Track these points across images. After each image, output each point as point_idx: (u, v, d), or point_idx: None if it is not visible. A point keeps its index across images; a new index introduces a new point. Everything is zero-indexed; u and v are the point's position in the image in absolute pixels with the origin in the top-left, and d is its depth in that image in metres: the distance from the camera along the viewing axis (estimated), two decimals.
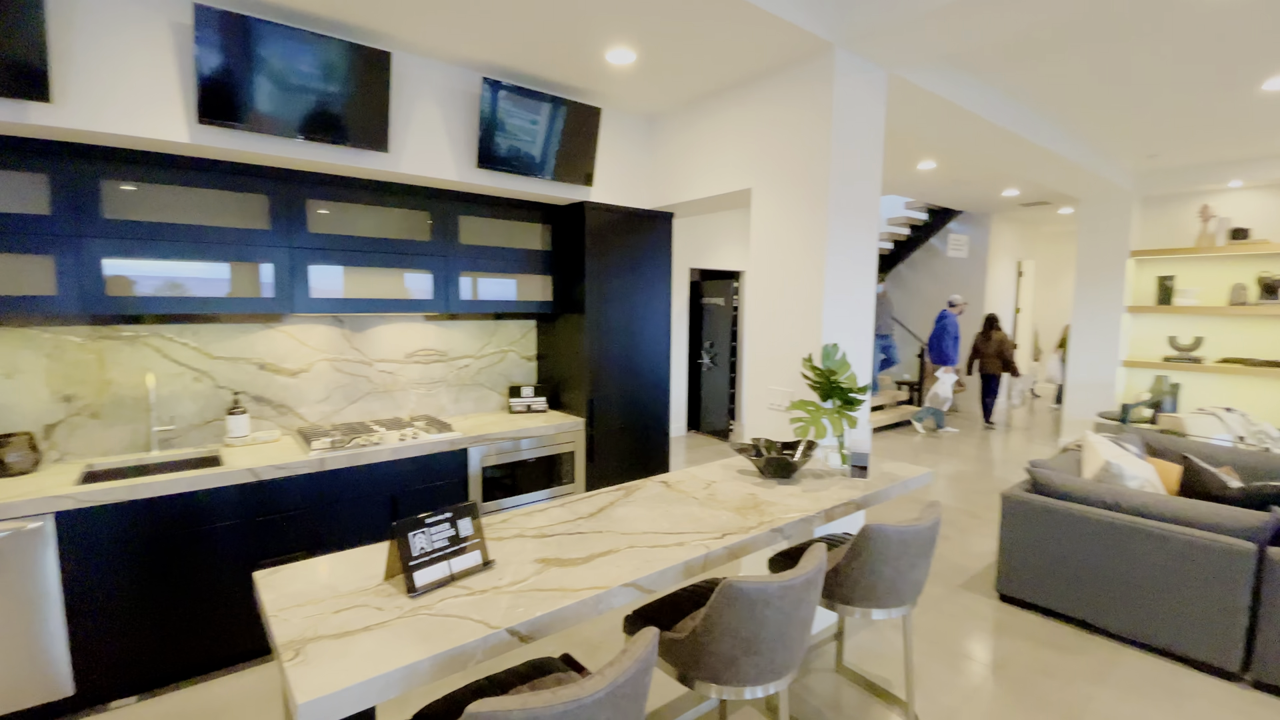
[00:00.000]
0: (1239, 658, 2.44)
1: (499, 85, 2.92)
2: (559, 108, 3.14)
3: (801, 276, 2.78)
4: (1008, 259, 8.65)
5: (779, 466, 2.23)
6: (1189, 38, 3.03)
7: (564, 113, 3.17)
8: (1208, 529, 2.54)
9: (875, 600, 1.93)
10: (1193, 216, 5.86)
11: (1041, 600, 2.98)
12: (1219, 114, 4.19)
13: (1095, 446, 3.16)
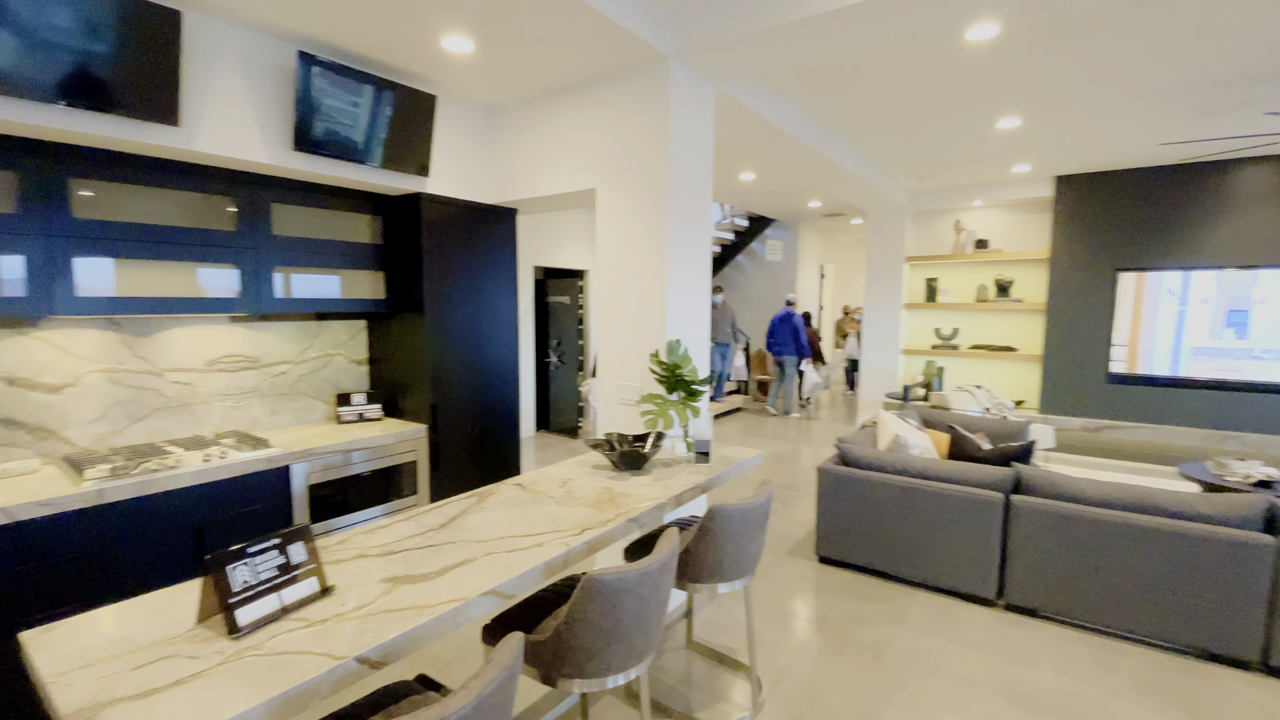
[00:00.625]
0: (994, 587, 3.04)
1: (315, 61, 2.64)
2: (388, 91, 2.93)
3: (646, 276, 2.90)
4: (813, 262, 9.80)
5: (631, 459, 2.31)
6: (948, 81, 3.67)
7: (394, 97, 2.96)
8: (969, 484, 3.12)
9: (721, 575, 2.09)
10: (949, 229, 7.14)
11: (852, 558, 3.44)
12: (967, 146, 5.14)
13: (886, 423, 3.71)
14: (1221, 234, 5.57)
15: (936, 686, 2.43)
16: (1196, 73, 3.53)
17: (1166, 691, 2.40)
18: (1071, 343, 6.27)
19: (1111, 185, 6.01)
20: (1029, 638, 2.78)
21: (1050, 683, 2.46)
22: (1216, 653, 2.57)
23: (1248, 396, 5.54)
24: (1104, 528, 2.75)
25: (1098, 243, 6.10)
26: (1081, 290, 6.20)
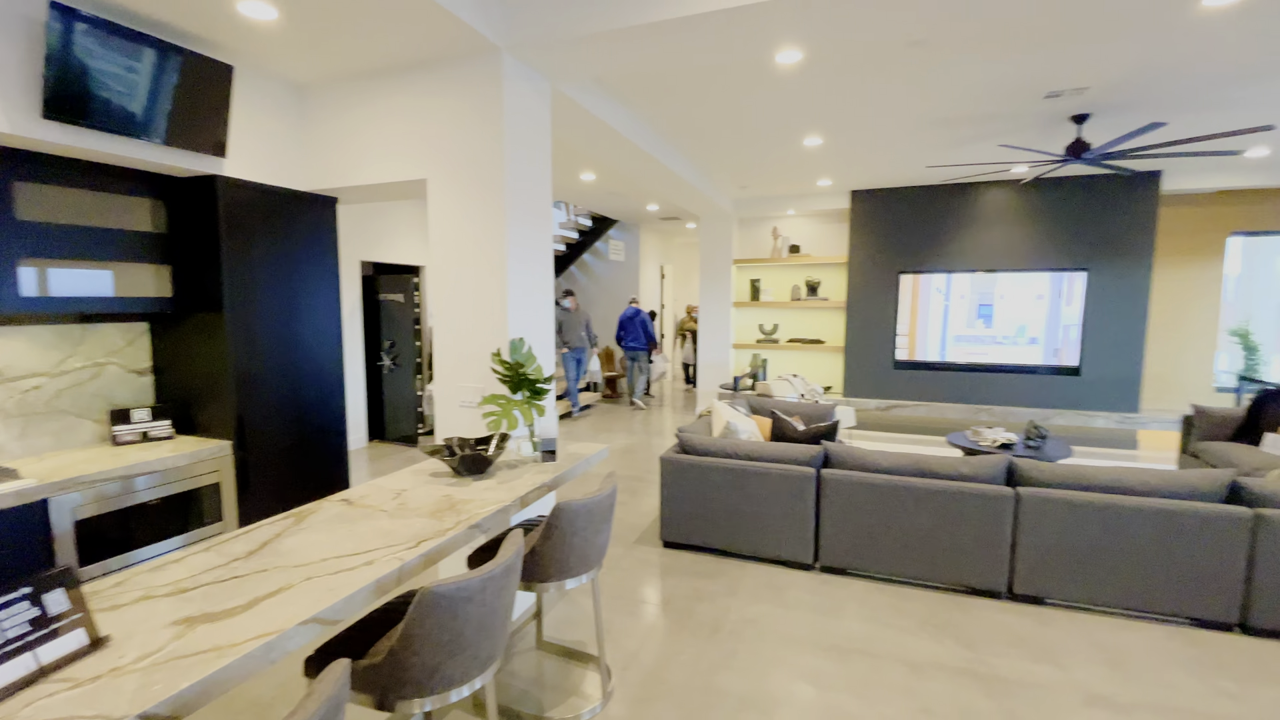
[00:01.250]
0: (811, 552, 3.42)
1: (75, 15, 2.19)
2: (173, 57, 2.52)
3: (485, 272, 2.82)
4: (654, 263, 10.23)
5: (473, 463, 2.24)
6: (764, 99, 4.03)
7: (181, 64, 2.55)
8: (787, 462, 3.47)
9: (569, 571, 2.11)
10: (768, 235, 7.87)
11: (693, 540, 3.66)
12: (780, 160, 5.70)
13: (719, 412, 4.01)
14: (973, 243, 6.80)
15: (766, 648, 2.69)
16: (951, 108, 4.26)
17: (943, 624, 2.89)
18: (866, 335, 7.25)
19: (893, 200, 7.05)
20: (839, 594, 3.18)
21: (857, 630, 2.84)
22: (977, 587, 3.15)
23: (994, 376, 6.84)
24: (893, 491, 3.23)
25: (884, 249, 7.12)
26: (873, 290, 7.19)
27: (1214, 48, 3.22)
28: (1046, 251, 6.57)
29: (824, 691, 2.40)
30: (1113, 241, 6.34)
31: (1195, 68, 3.50)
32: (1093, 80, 3.69)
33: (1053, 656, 2.63)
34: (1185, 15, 2.81)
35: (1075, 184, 6.39)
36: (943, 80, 3.70)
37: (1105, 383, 6.50)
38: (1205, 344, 6.72)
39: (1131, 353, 6.39)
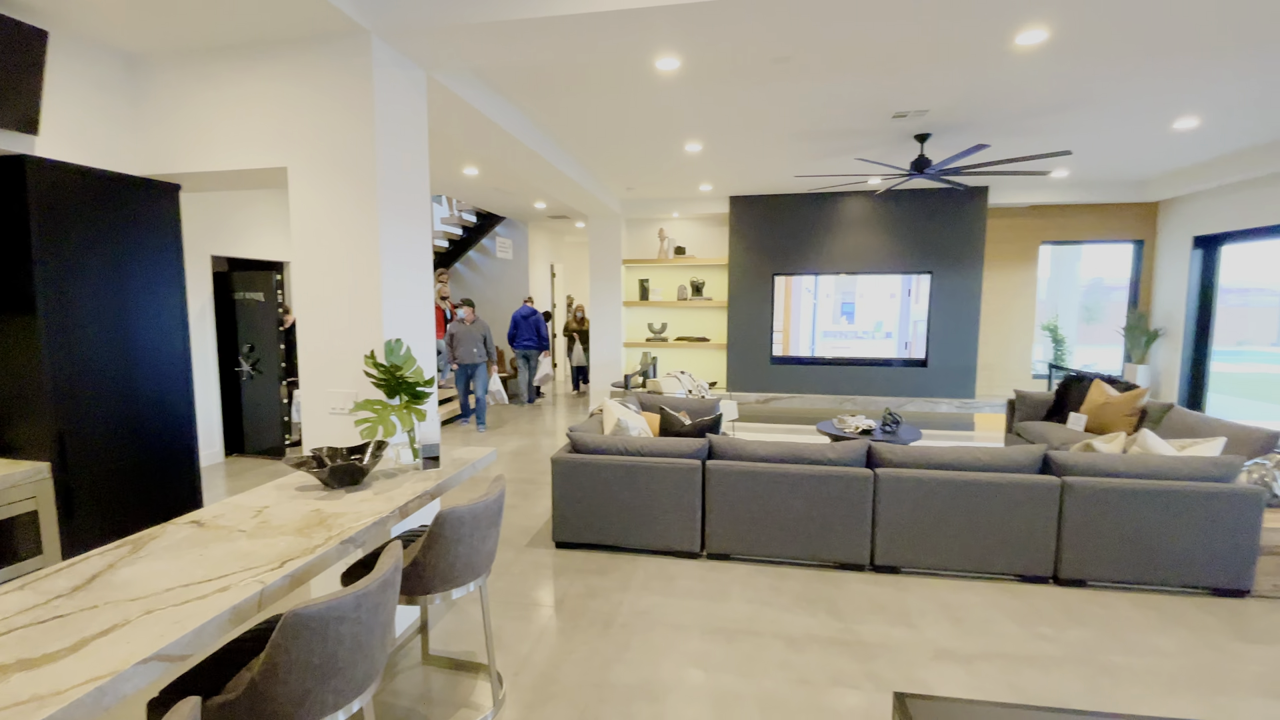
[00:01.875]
0: (699, 541, 3.57)
1: None
2: None
3: (356, 269, 2.65)
4: (544, 261, 10.12)
5: (346, 474, 2.10)
6: (647, 104, 4.13)
7: None
8: (675, 456, 3.59)
9: (454, 580, 2.05)
10: (655, 236, 8.07)
11: (586, 538, 3.68)
12: (664, 163, 5.86)
13: (610, 409, 4.06)
14: (837, 247, 7.41)
15: (656, 638, 2.77)
16: (815, 123, 4.61)
17: (816, 599, 3.13)
18: (746, 333, 7.66)
19: (768, 206, 7.50)
20: (724, 579, 3.34)
21: (741, 612, 3.00)
22: (844, 562, 3.44)
23: (856, 369, 7.49)
24: (771, 478, 3.45)
25: (760, 252, 7.55)
26: (751, 290, 7.61)
27: (1025, 81, 3.74)
28: (897, 256, 7.30)
29: (711, 674, 2.51)
30: (951, 248, 7.18)
31: (1012, 98, 4.05)
32: (932, 104, 4.16)
33: (908, 619, 2.94)
34: (1001, 52, 3.25)
35: (920, 196, 7.16)
36: (807, 96, 3.99)
37: (947, 372, 7.34)
38: (1024, 337, 7.79)
39: (968, 346, 7.27)
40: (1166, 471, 3.19)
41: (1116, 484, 3.17)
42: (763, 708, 2.30)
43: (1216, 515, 3.09)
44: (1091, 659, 2.62)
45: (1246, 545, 3.09)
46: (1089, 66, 3.48)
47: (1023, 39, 3.02)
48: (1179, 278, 6.94)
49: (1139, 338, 7.37)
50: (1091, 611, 3.00)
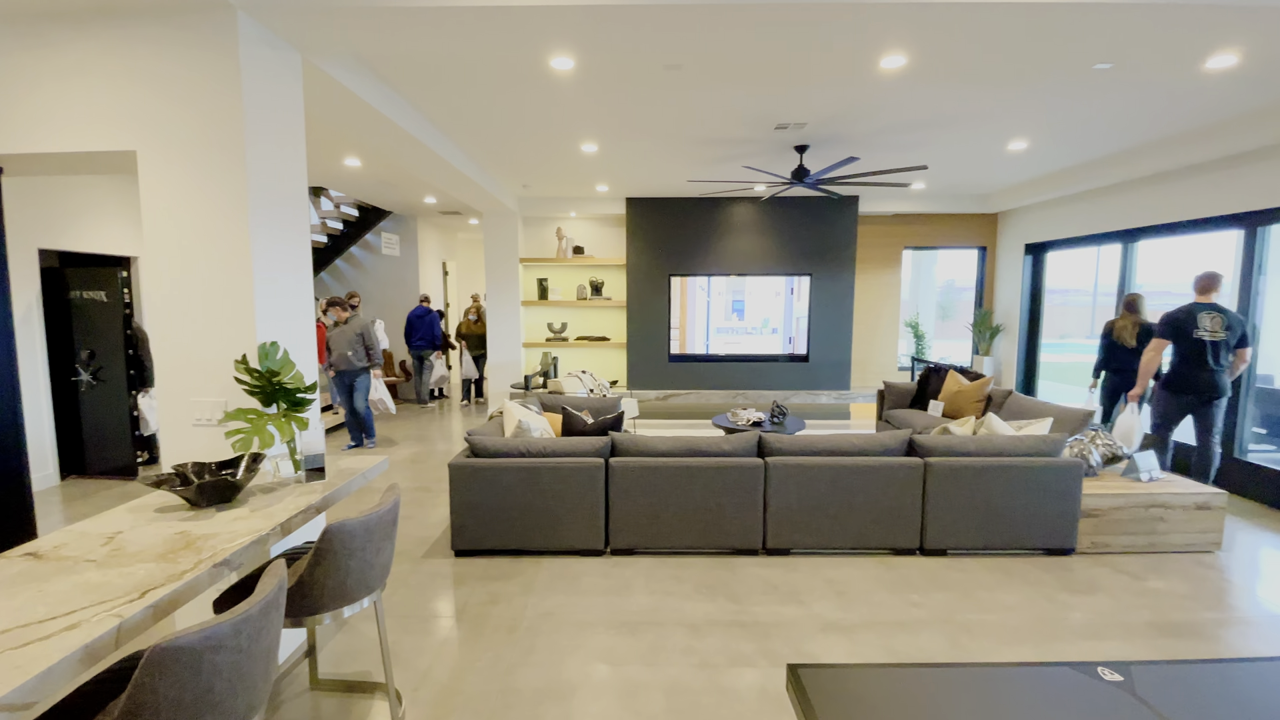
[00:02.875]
0: (602, 538, 3.60)
1: None
2: None
3: (224, 266, 2.42)
4: (435, 258, 9.70)
5: (216, 490, 1.92)
6: (542, 102, 4.09)
7: None
8: (578, 455, 3.60)
9: (345, 597, 1.93)
10: (553, 235, 8.02)
11: (487, 544, 3.59)
12: (560, 163, 5.84)
13: (511, 411, 3.99)
14: (729, 249, 7.75)
15: (562, 638, 2.77)
16: (706, 129, 4.80)
17: (715, 585, 3.27)
18: (645, 332, 7.82)
19: (663, 208, 7.70)
20: (628, 573, 3.41)
21: (644, 604, 3.07)
22: (739, 547, 3.62)
23: (747, 364, 7.88)
24: (671, 472, 3.55)
25: (657, 253, 7.74)
26: (649, 290, 7.78)
27: (890, 101, 4.13)
28: (781, 258, 7.77)
29: (617, 667, 2.56)
30: (827, 252, 7.76)
31: (878, 115, 4.45)
32: (809, 117, 4.47)
33: (797, 597, 3.16)
34: (869, 72, 3.56)
35: (800, 203, 7.67)
36: (698, 104, 4.15)
37: (826, 366, 7.92)
38: (891, 333, 8.58)
39: (843, 341, 7.89)
40: (1007, 449, 3.66)
41: (968, 462, 3.59)
42: (668, 695, 2.38)
43: (1046, 485, 3.59)
44: (952, 619, 2.95)
45: (1070, 510, 3.61)
46: (942, 90, 3.91)
47: (886, 63, 3.34)
48: (1015, 280, 7.94)
49: (984, 333, 8.35)
50: (951, 577, 3.38)
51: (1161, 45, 2.87)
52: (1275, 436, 5.45)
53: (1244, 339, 4.30)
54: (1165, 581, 3.33)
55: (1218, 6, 2.41)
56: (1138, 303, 5.21)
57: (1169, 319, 4.46)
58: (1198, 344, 4.32)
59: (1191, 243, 5.72)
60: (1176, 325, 4.40)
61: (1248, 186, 4.77)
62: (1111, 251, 6.49)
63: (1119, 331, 5.18)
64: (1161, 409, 4.57)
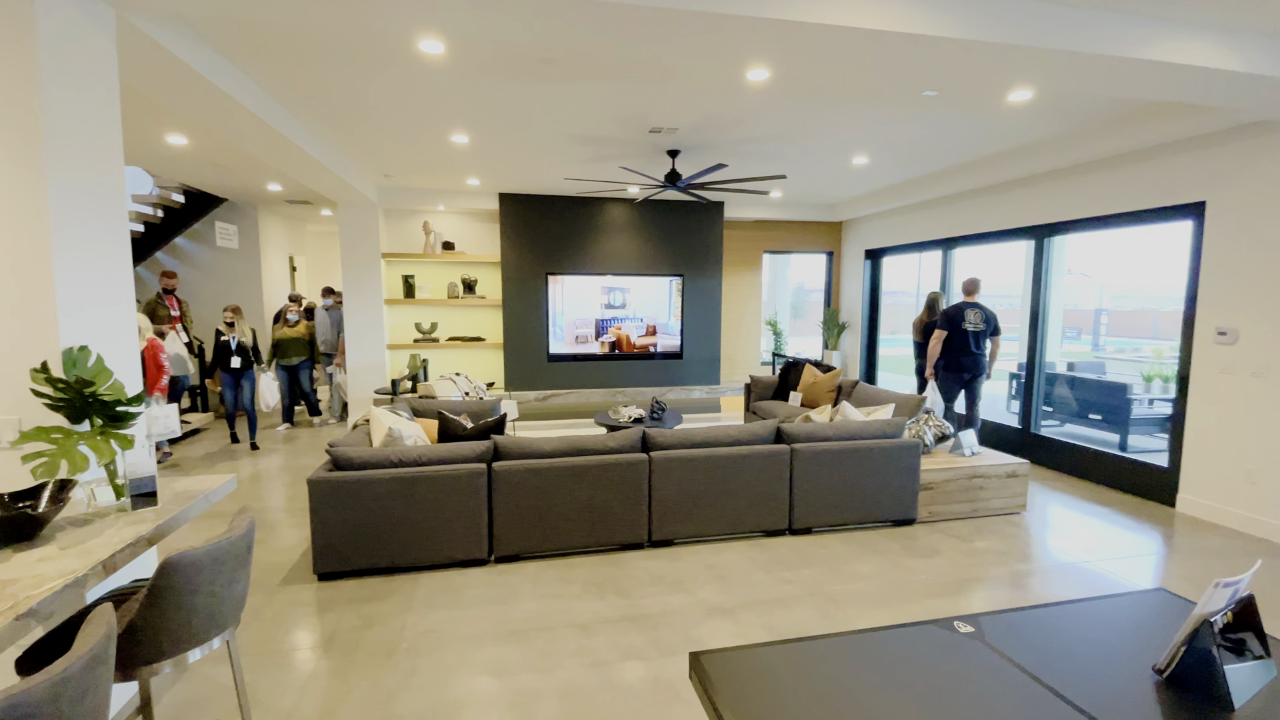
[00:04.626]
0: (486, 547, 3.46)
1: None
2: None
3: (12, 255, 1.99)
4: (280, 253, 8.73)
5: (12, 526, 1.57)
6: (410, 87, 3.84)
7: None
8: (459, 461, 3.43)
9: (191, 640, 1.68)
10: (419, 229, 7.56)
11: (355, 564, 3.31)
12: (428, 153, 5.52)
13: (379, 418, 3.71)
14: (607, 248, 7.81)
15: (447, 655, 2.62)
16: (582, 128, 4.79)
17: (603, 582, 3.28)
18: (523, 331, 7.65)
19: (539, 205, 7.58)
20: (513, 580, 3.31)
21: (532, 610, 3.00)
22: (625, 542, 3.66)
23: (625, 363, 8.00)
24: (557, 472, 3.51)
25: (533, 250, 7.60)
26: (525, 289, 7.62)
27: (754, 111, 4.39)
28: (655, 259, 7.99)
29: (507, 678, 2.47)
30: (697, 254, 8.10)
31: (744, 125, 4.72)
32: (681, 122, 4.64)
33: (683, 586, 3.26)
34: (736, 83, 3.76)
35: (672, 206, 7.93)
36: (574, 100, 4.13)
37: (699, 363, 8.28)
38: (754, 331, 9.16)
39: (713, 339, 8.29)
40: (859, 433, 4.06)
41: (828, 446, 3.93)
42: (561, 698, 2.35)
43: (891, 463, 4.04)
44: (820, 591, 3.21)
45: (911, 484, 4.09)
46: (799, 105, 4.23)
47: (752, 75, 3.55)
48: (857, 282, 8.83)
49: (833, 329, 9.20)
50: (817, 553, 3.68)
51: (974, 78, 3.34)
52: (1058, 414, 6.59)
53: (996, 329, 5.50)
54: (987, 541, 3.89)
55: (1015, 47, 2.85)
56: (936, 301, 6.32)
57: (945, 315, 5.60)
58: (965, 334, 5.45)
59: (996, 250, 6.74)
60: (950, 319, 5.52)
61: (1037, 204, 5.71)
62: (934, 257, 7.44)
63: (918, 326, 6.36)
64: (943, 386, 5.68)
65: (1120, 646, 1.42)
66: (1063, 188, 5.42)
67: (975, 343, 5.47)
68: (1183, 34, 2.95)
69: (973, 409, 5.71)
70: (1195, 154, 4.33)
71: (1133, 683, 1.28)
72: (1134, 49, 2.91)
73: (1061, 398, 6.58)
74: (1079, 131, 4.80)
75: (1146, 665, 1.33)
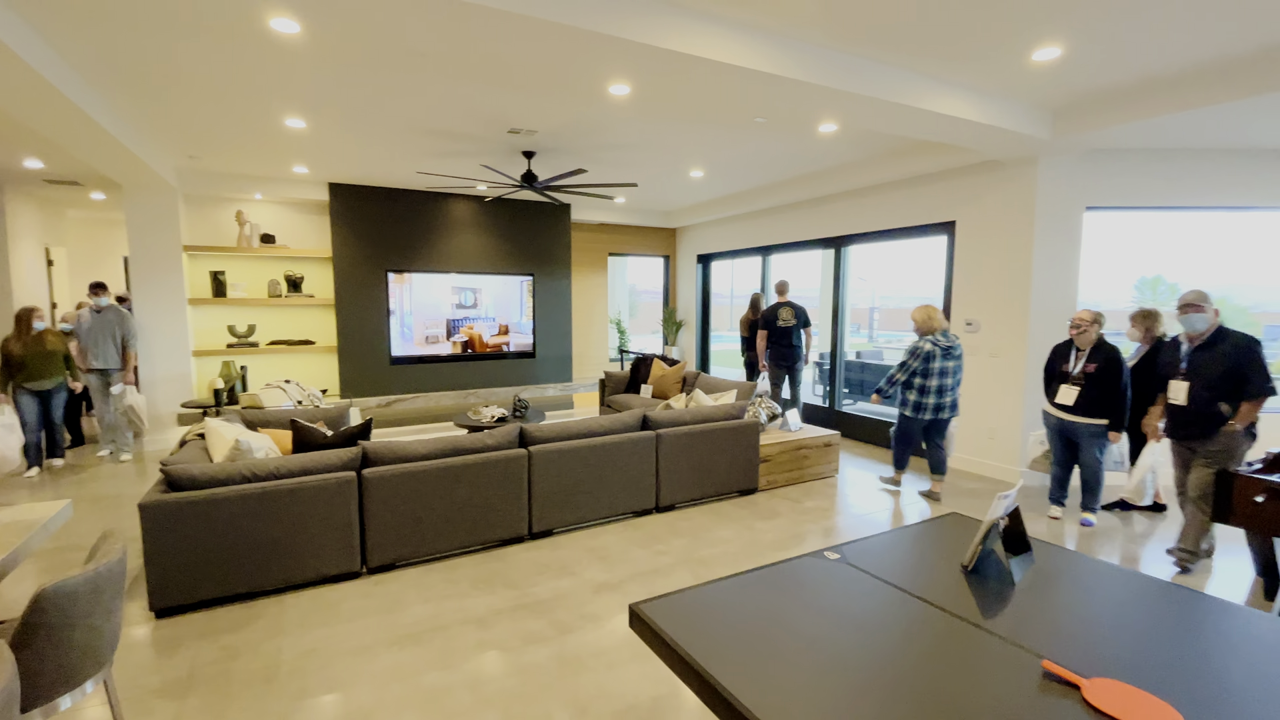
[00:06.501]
0: (359, 558, 3.29)
1: None
2: None
3: None
4: (31, 243, 7.08)
5: None
6: (242, 61, 3.48)
7: None
8: (324, 471, 3.22)
9: (69, 681, 1.49)
10: (231, 219, 6.67)
11: (204, 594, 2.95)
12: (250, 135, 4.96)
13: (220, 431, 3.32)
14: (455, 246, 7.59)
15: (338, 670, 2.51)
16: (442, 122, 4.69)
17: (491, 577, 3.32)
18: (361, 333, 7.13)
19: (378, 198, 7.12)
20: (395, 588, 3.21)
21: (422, 612, 2.96)
22: (507, 537, 3.72)
23: (477, 363, 7.86)
24: (434, 474, 3.45)
25: (371, 246, 7.12)
26: (363, 287, 7.12)
27: (612, 121, 4.67)
28: (506, 258, 7.95)
29: (413, 679, 2.45)
30: (547, 254, 8.23)
31: (602, 133, 4.98)
32: (542, 125, 4.76)
33: (569, 570, 3.43)
34: (599, 95, 4.00)
35: (521, 206, 7.96)
36: (435, 95, 4.06)
37: (551, 361, 8.41)
38: (602, 329, 9.53)
39: (564, 338, 8.48)
40: (711, 416, 4.55)
41: (688, 429, 4.36)
42: (472, 688, 2.40)
43: (737, 441, 4.59)
44: (691, 557, 3.59)
45: (753, 459, 4.68)
46: (651, 120, 4.60)
47: (614, 90, 3.81)
48: (691, 284, 9.61)
49: (672, 327, 9.91)
50: (683, 525, 4.08)
51: (795, 110, 3.96)
52: (854, 394, 7.86)
53: (806, 323, 6.58)
54: (814, 502, 4.60)
55: (828, 88, 3.46)
56: (758, 301, 7.38)
57: (763, 315, 6.68)
58: (780, 330, 6.52)
59: (805, 256, 7.83)
60: (767, 318, 6.61)
61: (836, 217, 6.78)
62: (755, 262, 8.41)
63: (744, 323, 7.33)
64: (771, 375, 6.72)
65: (937, 554, 1.92)
66: (855, 205, 6.51)
67: (790, 337, 6.52)
68: (947, 91, 3.82)
69: (795, 391, 6.69)
70: (950, 183, 5.53)
71: (950, 576, 1.76)
72: (912, 99, 3.70)
73: (854, 380, 7.88)
74: (869, 159, 5.83)
75: (956, 564, 1.83)
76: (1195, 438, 3.33)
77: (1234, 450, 3.18)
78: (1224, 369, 3.18)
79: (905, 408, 4.62)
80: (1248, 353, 3.12)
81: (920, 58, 3.48)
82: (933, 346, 4.46)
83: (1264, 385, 3.08)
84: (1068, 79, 3.70)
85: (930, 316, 4.55)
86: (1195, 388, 3.28)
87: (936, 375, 4.46)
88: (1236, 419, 3.17)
